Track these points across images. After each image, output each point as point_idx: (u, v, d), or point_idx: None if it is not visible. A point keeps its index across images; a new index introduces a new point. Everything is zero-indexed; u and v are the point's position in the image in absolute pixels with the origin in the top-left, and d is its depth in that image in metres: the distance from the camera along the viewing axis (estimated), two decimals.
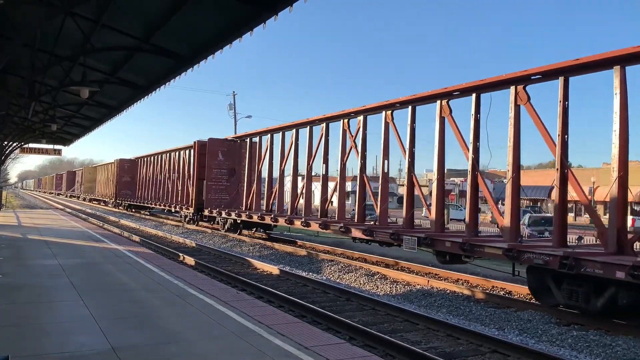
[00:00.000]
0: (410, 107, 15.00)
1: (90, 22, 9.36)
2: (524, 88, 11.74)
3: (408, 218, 15.10)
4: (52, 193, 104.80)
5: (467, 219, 13.05)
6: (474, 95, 12.94)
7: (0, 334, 6.51)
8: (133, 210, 44.48)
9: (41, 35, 9.81)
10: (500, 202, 16.30)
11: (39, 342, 6.21)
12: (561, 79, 10.95)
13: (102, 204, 56.14)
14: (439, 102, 13.90)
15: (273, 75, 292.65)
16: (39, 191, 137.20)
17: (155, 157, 38.88)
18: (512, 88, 11.92)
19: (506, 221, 12.15)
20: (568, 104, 10.95)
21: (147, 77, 12.55)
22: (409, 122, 14.99)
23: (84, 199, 64.77)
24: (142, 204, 41.21)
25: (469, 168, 13.10)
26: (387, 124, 15.95)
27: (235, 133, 43.26)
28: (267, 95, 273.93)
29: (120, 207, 47.08)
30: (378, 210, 16.29)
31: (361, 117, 16.98)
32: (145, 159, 42.04)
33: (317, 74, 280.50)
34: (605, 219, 10.83)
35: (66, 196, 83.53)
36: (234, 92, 58.12)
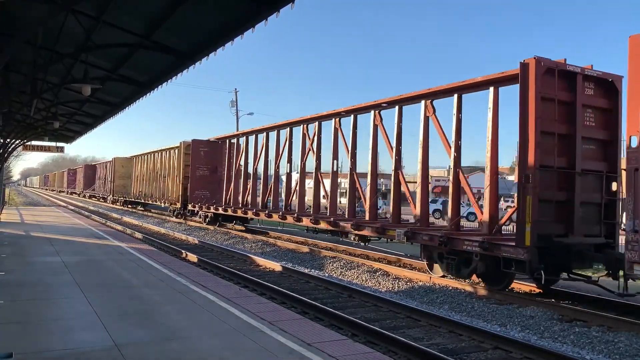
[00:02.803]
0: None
1: (92, 19, 9.35)
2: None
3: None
4: (63, 191, 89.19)
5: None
6: (455, 95, 13.41)
7: (3, 331, 6.53)
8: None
9: (43, 32, 9.82)
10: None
11: (42, 339, 6.23)
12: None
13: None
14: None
15: (275, 73, 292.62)
16: (45, 189, 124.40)
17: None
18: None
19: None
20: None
21: (149, 74, 12.55)
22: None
23: (114, 201, 49.97)
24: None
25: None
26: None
27: (237, 130, 43.46)
28: (269, 93, 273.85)
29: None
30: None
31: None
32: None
33: (318, 73, 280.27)
34: None
35: (83, 196, 68.81)
36: (235, 89, 58.11)
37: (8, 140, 21.72)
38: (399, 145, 15.56)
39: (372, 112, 16.39)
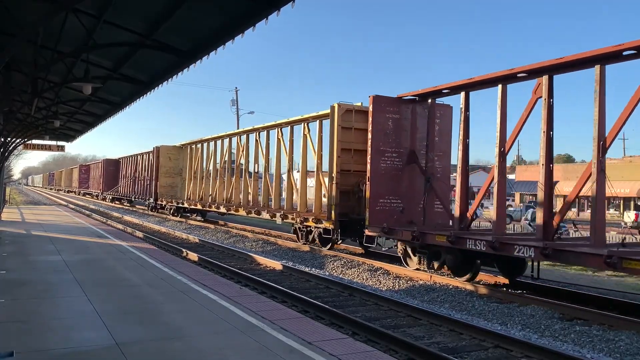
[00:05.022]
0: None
1: (93, 18, 9.36)
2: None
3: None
4: (74, 192, 75.98)
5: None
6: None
7: (4, 329, 6.55)
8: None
9: (44, 31, 9.82)
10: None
11: (43, 337, 6.25)
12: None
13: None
14: (302, 124, 18.17)
15: (276, 72, 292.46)
16: (50, 188, 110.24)
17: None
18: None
19: None
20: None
21: (150, 73, 12.54)
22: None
23: (156, 208, 36.34)
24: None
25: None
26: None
27: (237, 128, 43.56)
28: (270, 92, 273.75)
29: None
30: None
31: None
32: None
33: (319, 72, 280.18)
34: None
35: (102, 198, 54.36)
36: (236, 88, 57.94)
37: (9, 139, 21.72)
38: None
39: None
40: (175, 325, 6.92)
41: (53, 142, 30.29)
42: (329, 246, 18.24)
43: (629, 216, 40.54)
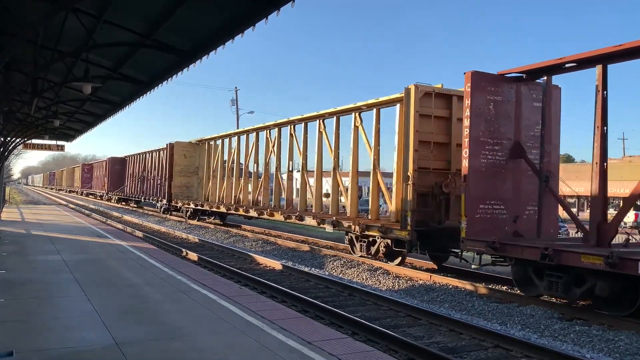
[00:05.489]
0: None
1: (93, 18, 9.35)
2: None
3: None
4: (75, 192, 74.45)
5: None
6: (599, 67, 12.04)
7: (4, 329, 6.55)
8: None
9: (44, 31, 9.82)
10: None
11: (42, 337, 6.25)
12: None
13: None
14: (353, 114, 16.81)
15: (277, 71, 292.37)
16: (51, 188, 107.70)
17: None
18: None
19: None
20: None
21: (150, 73, 12.54)
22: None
23: (169, 211, 33.20)
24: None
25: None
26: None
27: (237, 128, 43.34)
28: (271, 91, 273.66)
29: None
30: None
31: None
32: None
33: (320, 71, 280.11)
34: None
35: (107, 199, 51.62)
36: (236, 87, 57.98)
37: (9, 138, 21.71)
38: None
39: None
40: (174, 324, 6.92)
41: (53, 142, 30.27)
42: (397, 261, 15.05)
43: (628, 216, 40.60)
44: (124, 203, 47.76)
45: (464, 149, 12.22)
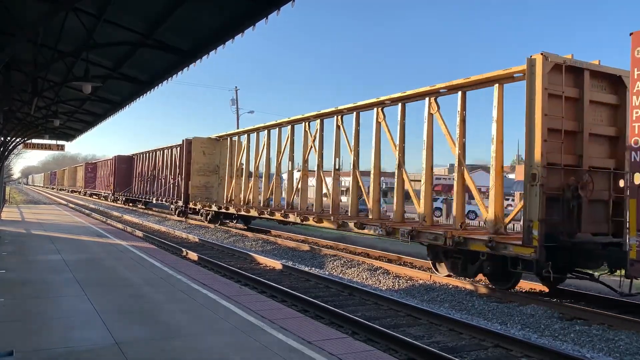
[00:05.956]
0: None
1: (93, 17, 9.36)
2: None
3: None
4: (78, 192, 71.87)
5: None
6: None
7: (4, 328, 6.55)
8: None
9: (44, 31, 9.82)
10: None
11: (42, 336, 6.25)
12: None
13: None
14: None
15: (277, 71, 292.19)
16: (52, 188, 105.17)
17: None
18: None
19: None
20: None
21: (150, 73, 12.54)
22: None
23: (185, 214, 30.82)
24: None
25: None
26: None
27: (237, 128, 43.09)
28: (271, 91, 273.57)
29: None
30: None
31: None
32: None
33: (320, 71, 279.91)
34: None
35: (114, 200, 48.86)
36: (236, 87, 57.95)
37: (9, 138, 21.71)
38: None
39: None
40: (175, 324, 6.92)
41: (53, 142, 30.26)
42: (510, 284, 12.02)
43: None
44: (131, 204, 45.07)
45: (630, 137, 9.46)
